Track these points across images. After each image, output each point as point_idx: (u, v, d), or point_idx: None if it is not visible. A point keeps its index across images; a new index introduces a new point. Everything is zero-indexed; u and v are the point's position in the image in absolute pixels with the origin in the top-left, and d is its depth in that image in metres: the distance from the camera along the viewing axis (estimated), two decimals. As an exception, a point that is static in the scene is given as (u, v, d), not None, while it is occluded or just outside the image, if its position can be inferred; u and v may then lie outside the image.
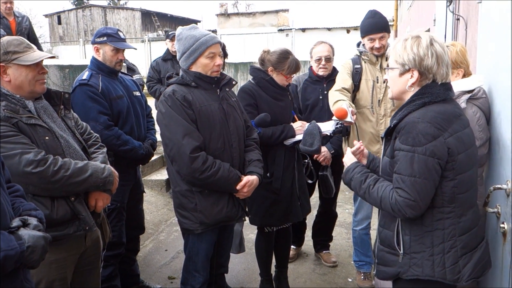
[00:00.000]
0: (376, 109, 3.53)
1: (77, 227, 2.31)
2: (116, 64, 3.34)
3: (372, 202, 2.04)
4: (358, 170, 2.14)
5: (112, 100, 3.26)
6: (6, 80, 2.22)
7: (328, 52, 3.94)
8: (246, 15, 28.64)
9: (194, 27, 2.77)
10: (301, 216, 3.50)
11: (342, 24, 23.85)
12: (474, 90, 2.45)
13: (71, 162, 2.26)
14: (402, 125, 1.91)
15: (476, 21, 3.56)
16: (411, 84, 1.98)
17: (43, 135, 2.25)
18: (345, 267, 4.18)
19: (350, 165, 2.21)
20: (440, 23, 5.49)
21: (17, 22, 6.35)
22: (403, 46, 1.97)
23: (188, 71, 2.75)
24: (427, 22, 7.76)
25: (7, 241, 1.47)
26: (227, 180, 2.70)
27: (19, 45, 2.23)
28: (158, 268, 4.26)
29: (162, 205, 5.91)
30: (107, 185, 2.40)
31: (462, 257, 1.93)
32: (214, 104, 2.75)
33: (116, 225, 3.33)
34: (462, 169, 1.90)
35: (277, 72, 3.28)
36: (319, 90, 3.98)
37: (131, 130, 3.39)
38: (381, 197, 1.96)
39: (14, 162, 2.10)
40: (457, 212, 1.93)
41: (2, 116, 2.14)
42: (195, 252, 2.89)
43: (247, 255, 4.23)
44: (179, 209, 2.83)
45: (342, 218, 5.31)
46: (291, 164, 3.38)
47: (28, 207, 1.77)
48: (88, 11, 33.03)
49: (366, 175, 2.10)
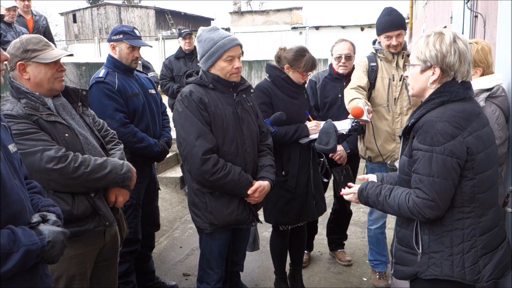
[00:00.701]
0: (392, 108, 3.49)
1: (97, 222, 2.34)
2: (132, 61, 3.37)
3: (392, 211, 2.02)
4: (371, 186, 2.12)
5: (128, 98, 3.29)
6: (25, 78, 2.25)
7: (348, 50, 3.91)
8: (259, 13, 28.60)
9: (214, 28, 2.75)
10: (316, 215, 3.49)
11: (356, 22, 23.69)
12: (493, 89, 2.42)
13: (91, 159, 2.28)
14: (420, 124, 1.88)
15: (495, 18, 3.51)
16: (432, 81, 1.95)
17: (62, 132, 2.28)
18: (360, 266, 4.15)
19: (361, 185, 2.18)
20: (457, 21, 5.42)
21: (34, 20, 6.43)
22: (426, 42, 1.94)
23: (207, 72, 2.75)
24: (443, 20, 7.68)
25: (29, 236, 1.49)
26: (237, 184, 2.70)
27: (38, 43, 2.26)
28: (173, 265, 4.29)
29: (176, 202, 5.94)
30: (126, 181, 2.43)
31: (482, 257, 1.91)
32: (228, 108, 2.75)
33: (132, 221, 3.35)
34: (482, 168, 1.88)
35: (293, 70, 3.26)
36: (338, 88, 3.95)
37: (147, 127, 3.41)
38: (398, 204, 1.95)
39: (35, 159, 2.13)
40: (477, 212, 1.90)
41: (23, 114, 2.17)
42: (208, 250, 2.90)
43: (261, 253, 4.23)
44: (192, 206, 2.85)
45: (357, 217, 5.28)
46: (306, 163, 3.36)
47: (47, 203, 1.79)
48: (103, 9, 33.27)
49: (380, 187, 2.08)
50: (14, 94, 2.25)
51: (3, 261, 1.40)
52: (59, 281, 2.30)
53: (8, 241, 1.42)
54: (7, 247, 1.41)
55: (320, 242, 4.52)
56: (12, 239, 1.43)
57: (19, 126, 2.14)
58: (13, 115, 2.15)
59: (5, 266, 1.41)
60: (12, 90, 2.26)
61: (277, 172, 3.19)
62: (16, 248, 1.43)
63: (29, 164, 2.11)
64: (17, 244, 1.43)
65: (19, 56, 2.22)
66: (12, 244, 1.42)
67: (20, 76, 2.25)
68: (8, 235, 1.43)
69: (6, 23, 5.67)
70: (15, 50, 2.23)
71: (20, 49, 2.22)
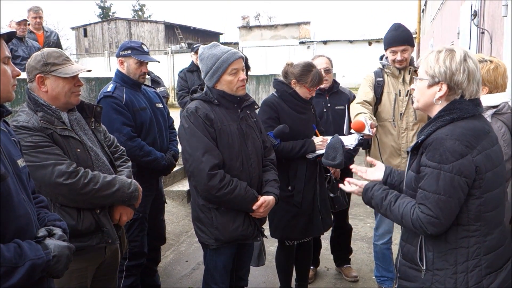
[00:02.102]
0: (398, 122, 3.50)
1: (100, 239, 2.35)
2: (140, 76, 3.41)
3: (393, 218, 2.01)
4: (377, 188, 2.11)
5: (135, 112, 3.32)
6: (43, 90, 2.28)
7: (326, 64, 3.90)
8: (268, 27, 28.83)
9: (215, 45, 2.79)
10: (322, 230, 3.47)
11: (364, 37, 23.82)
12: (499, 106, 2.42)
13: (100, 176, 2.31)
14: (430, 141, 1.87)
15: (501, 34, 3.52)
16: (438, 97, 1.94)
17: (75, 147, 2.31)
18: (367, 282, 4.12)
19: (368, 184, 2.17)
20: (464, 36, 5.44)
21: (45, 36, 6.51)
22: (436, 58, 1.93)
23: (212, 89, 2.77)
24: (450, 35, 7.69)
25: (35, 250, 1.50)
26: (243, 199, 2.71)
27: (59, 58, 2.31)
28: (178, 279, 4.27)
29: (183, 216, 5.94)
30: (132, 200, 2.45)
31: (486, 277, 1.89)
32: (233, 124, 2.77)
33: (138, 235, 3.36)
34: (490, 187, 1.87)
35: (300, 85, 3.28)
36: (322, 103, 3.94)
37: (154, 141, 3.43)
38: (402, 214, 1.94)
39: (47, 172, 2.16)
40: (483, 231, 1.88)
41: (38, 126, 2.21)
42: (213, 265, 2.89)
43: (267, 268, 4.21)
44: (197, 222, 2.86)
45: (363, 232, 5.25)
46: (313, 178, 3.36)
47: (53, 218, 1.81)
48: (113, 24, 33.72)
49: (386, 191, 2.07)
50: (31, 106, 2.28)
51: (9, 274, 1.41)
52: None
53: (14, 255, 1.43)
54: (13, 261, 1.42)
55: (327, 258, 4.48)
56: (18, 253, 1.44)
57: (33, 139, 2.17)
58: (29, 127, 2.19)
59: (11, 280, 1.41)
60: (29, 101, 2.29)
61: (283, 186, 3.19)
62: (22, 262, 1.44)
63: (40, 177, 2.14)
64: (23, 258, 1.44)
65: (39, 69, 2.26)
66: (18, 258, 1.43)
67: (38, 89, 2.29)
68: (15, 249, 1.44)
69: (17, 37, 5.74)
70: (35, 63, 2.27)
71: (41, 62, 2.27)
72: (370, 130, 3.10)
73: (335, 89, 3.99)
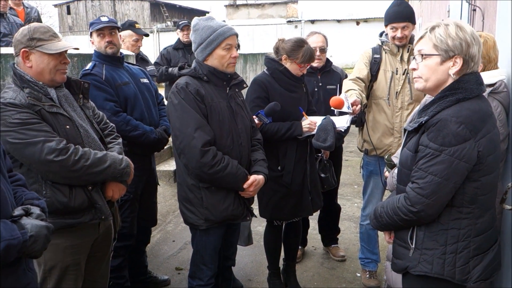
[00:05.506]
0: (392, 101, 3.42)
1: (93, 215, 2.35)
2: (105, 48, 3.30)
3: (392, 222, 1.99)
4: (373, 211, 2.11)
5: (117, 87, 3.25)
6: (28, 65, 2.25)
7: (322, 42, 3.83)
8: (255, 6, 28.45)
9: (211, 18, 2.72)
10: (312, 211, 3.44)
11: (351, 16, 23.59)
12: (496, 84, 2.36)
13: (91, 152, 2.29)
14: (434, 121, 1.80)
15: (494, 11, 3.46)
16: (454, 72, 1.84)
17: (64, 124, 2.28)
18: (354, 262, 4.12)
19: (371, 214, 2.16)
20: (454, 14, 5.37)
21: (25, 12, 6.43)
22: (445, 31, 1.82)
23: (202, 64, 2.70)
24: (440, 13, 7.63)
25: (10, 230, 1.45)
26: (235, 177, 2.66)
27: (45, 33, 2.26)
28: (165, 259, 4.24)
29: (169, 195, 5.89)
30: (124, 176, 2.43)
31: (473, 258, 1.87)
32: (222, 101, 2.72)
33: (128, 216, 3.31)
34: (488, 170, 1.83)
35: (290, 61, 3.19)
36: (313, 82, 3.88)
37: (142, 116, 3.35)
38: (393, 211, 1.94)
39: (36, 150, 2.13)
40: (475, 213, 1.86)
41: (25, 103, 2.17)
42: (202, 246, 2.85)
43: (254, 248, 4.19)
44: (185, 202, 2.78)
45: (351, 212, 5.25)
46: (303, 158, 3.30)
47: (31, 196, 1.76)
48: (97, 2, 32.97)
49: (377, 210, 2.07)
50: (18, 82, 2.25)
51: (-17, 255, 1.35)
52: (53, 271, 2.29)
53: (-12, 235, 1.36)
54: None
55: (314, 237, 4.48)
56: (-8, 234, 1.38)
57: (21, 116, 2.14)
58: (16, 104, 2.15)
59: (-16, 262, 1.35)
60: (15, 77, 2.26)
61: (273, 166, 3.14)
62: None
63: (30, 154, 2.12)
64: None
65: (24, 43, 2.23)
66: None
67: (23, 63, 2.26)
68: (-11, 229, 1.38)
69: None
70: (21, 37, 2.24)
71: (26, 36, 2.23)
72: (350, 108, 3.02)
73: (327, 68, 3.91)
